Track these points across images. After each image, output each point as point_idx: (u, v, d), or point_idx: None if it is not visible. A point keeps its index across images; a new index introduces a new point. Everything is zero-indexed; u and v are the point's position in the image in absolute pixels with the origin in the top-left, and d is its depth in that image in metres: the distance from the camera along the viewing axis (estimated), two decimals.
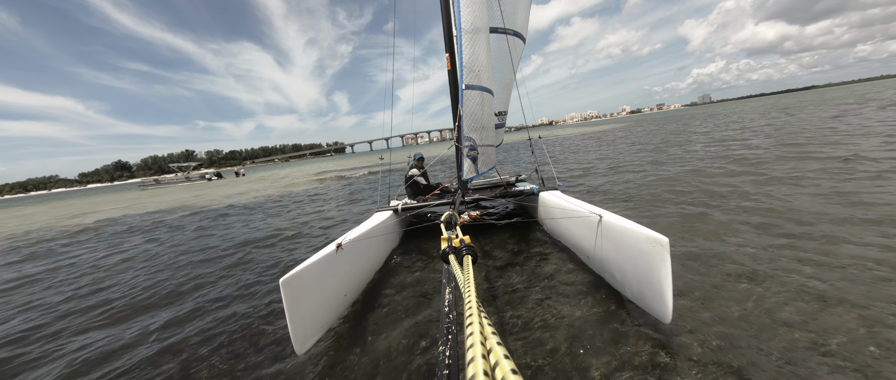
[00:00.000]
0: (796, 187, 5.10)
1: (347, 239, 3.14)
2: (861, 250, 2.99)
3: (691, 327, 2.24)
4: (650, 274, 2.20)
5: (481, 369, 0.73)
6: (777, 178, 5.81)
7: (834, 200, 4.32)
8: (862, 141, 8.20)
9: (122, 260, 6.19)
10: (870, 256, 2.87)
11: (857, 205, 4.05)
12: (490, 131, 5.02)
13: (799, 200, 4.52)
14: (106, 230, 10.51)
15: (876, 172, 5.33)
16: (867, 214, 3.74)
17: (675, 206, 5.03)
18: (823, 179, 5.37)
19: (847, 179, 5.20)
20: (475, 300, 1.08)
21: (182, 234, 8.24)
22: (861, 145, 7.63)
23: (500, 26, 5.59)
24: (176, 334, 3.09)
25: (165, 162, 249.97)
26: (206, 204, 14.56)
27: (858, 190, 4.58)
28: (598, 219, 2.86)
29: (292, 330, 2.27)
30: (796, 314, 2.26)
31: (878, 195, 4.27)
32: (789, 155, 7.73)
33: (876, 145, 7.43)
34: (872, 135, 8.89)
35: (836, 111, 18.64)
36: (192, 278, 4.58)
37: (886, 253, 2.87)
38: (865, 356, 1.87)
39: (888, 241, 3.08)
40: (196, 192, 24.51)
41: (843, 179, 5.22)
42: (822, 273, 2.70)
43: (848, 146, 7.74)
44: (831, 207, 4.11)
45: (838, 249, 3.06)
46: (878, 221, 3.53)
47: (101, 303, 4.11)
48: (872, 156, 6.43)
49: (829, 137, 9.63)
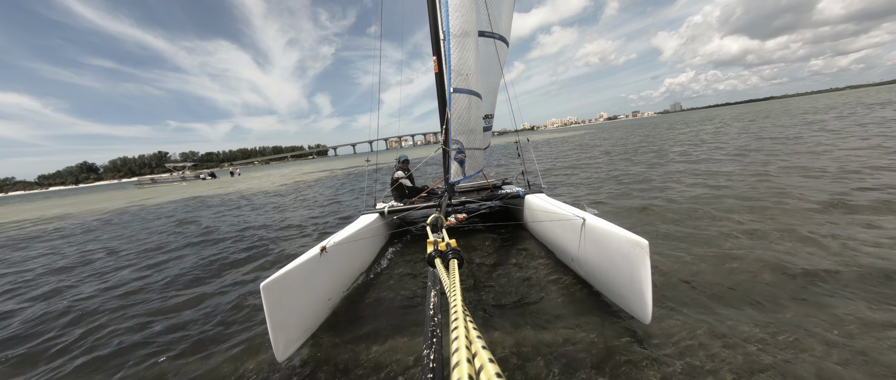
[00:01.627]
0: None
1: (332, 242, 3.09)
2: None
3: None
4: (631, 276, 2.25)
5: (466, 373, 0.74)
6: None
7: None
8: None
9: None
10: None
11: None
12: (477, 135, 5.05)
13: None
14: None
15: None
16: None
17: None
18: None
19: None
20: (461, 304, 1.08)
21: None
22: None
23: (487, 30, 5.64)
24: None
25: (136, 164, 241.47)
26: (256, 191, 18.01)
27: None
28: (581, 222, 2.91)
29: (273, 336, 2.21)
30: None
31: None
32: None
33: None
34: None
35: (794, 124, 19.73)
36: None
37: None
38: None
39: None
40: (215, 188, 26.37)
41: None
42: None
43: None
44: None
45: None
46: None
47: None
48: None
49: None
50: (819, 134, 12.12)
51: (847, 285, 2.59)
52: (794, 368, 1.88)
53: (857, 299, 2.41)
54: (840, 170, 6.23)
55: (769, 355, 1.98)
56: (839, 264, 2.89)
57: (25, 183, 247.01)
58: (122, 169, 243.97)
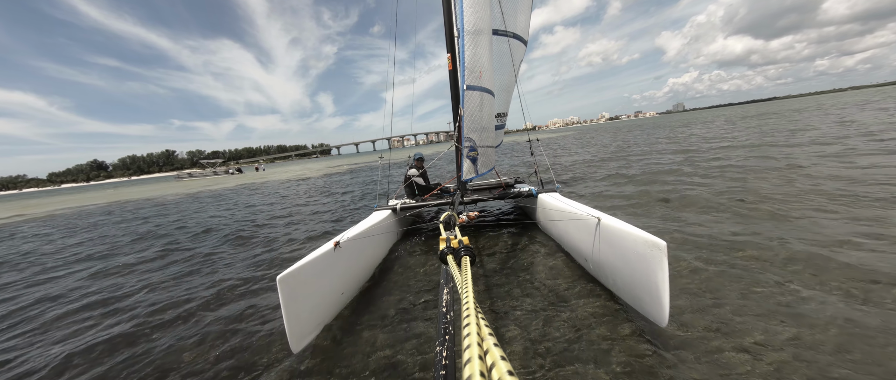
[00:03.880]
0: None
1: (345, 237, 3.14)
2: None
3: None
4: (647, 278, 2.20)
5: (478, 370, 0.73)
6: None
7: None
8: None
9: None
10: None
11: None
12: (490, 132, 5.02)
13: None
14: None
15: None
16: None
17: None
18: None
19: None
20: (473, 301, 1.08)
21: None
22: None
23: (501, 28, 5.60)
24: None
25: (144, 162, 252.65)
26: (310, 176, 24.76)
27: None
28: (596, 222, 2.86)
29: (288, 328, 2.27)
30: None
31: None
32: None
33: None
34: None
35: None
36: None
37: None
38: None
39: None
40: (253, 178, 33.21)
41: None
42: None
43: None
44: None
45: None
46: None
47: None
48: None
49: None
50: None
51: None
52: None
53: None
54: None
55: (802, 361, 1.91)
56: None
57: (38, 180, 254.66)
58: (132, 167, 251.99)
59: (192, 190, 24.89)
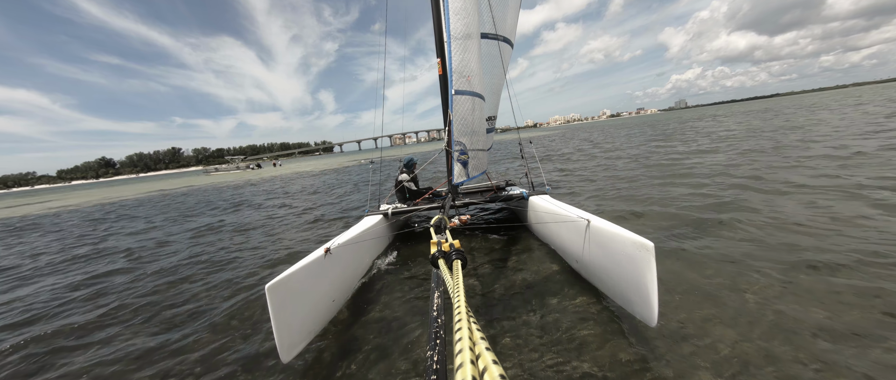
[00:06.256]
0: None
1: (336, 244, 3.10)
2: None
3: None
4: (636, 278, 2.23)
5: (470, 375, 0.73)
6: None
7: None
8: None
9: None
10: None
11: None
12: (480, 136, 5.04)
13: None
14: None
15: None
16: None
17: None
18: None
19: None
20: (464, 305, 1.08)
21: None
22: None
23: (491, 32, 5.64)
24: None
25: (151, 159, 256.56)
26: (339, 167, 29.00)
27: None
28: (586, 224, 2.89)
29: (278, 338, 2.22)
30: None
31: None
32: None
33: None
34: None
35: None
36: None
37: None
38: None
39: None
40: (276, 172, 36.81)
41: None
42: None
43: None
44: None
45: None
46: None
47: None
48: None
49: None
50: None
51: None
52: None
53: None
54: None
55: (801, 364, 1.96)
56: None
57: (49, 177, 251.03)
58: (139, 164, 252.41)
59: (229, 182, 27.93)
